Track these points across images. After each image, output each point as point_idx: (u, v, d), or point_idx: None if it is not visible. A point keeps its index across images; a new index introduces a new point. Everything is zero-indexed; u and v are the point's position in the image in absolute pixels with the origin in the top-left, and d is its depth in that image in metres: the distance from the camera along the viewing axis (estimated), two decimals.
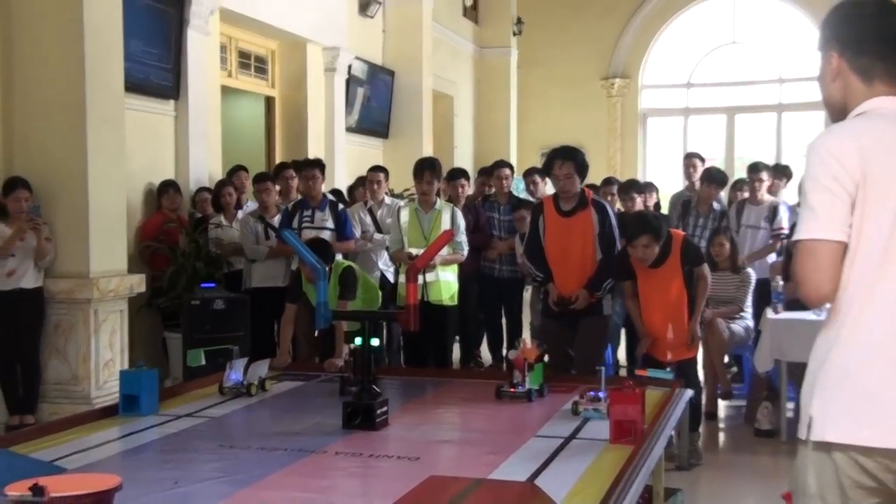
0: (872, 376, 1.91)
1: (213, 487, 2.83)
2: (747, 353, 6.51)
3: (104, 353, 5.95)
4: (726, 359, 6.79)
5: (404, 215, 6.11)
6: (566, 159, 5.06)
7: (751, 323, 6.38)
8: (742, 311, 6.39)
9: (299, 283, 5.34)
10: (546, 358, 4.18)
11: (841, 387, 1.94)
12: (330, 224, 6.52)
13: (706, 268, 5.29)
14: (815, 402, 1.96)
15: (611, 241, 5.14)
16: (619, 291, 5.53)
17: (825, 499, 1.96)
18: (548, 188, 6.09)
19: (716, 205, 7.35)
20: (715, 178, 7.35)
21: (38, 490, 1.65)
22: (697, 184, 7.91)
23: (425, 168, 6.09)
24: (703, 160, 8.42)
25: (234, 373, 4.18)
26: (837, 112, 2.09)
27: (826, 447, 1.94)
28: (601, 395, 3.60)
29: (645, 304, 5.19)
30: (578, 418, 3.66)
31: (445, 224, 5.92)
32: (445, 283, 6.00)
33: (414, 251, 5.77)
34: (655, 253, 4.99)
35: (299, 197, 6.91)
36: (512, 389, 4.02)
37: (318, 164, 6.80)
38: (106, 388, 5.82)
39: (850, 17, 2.06)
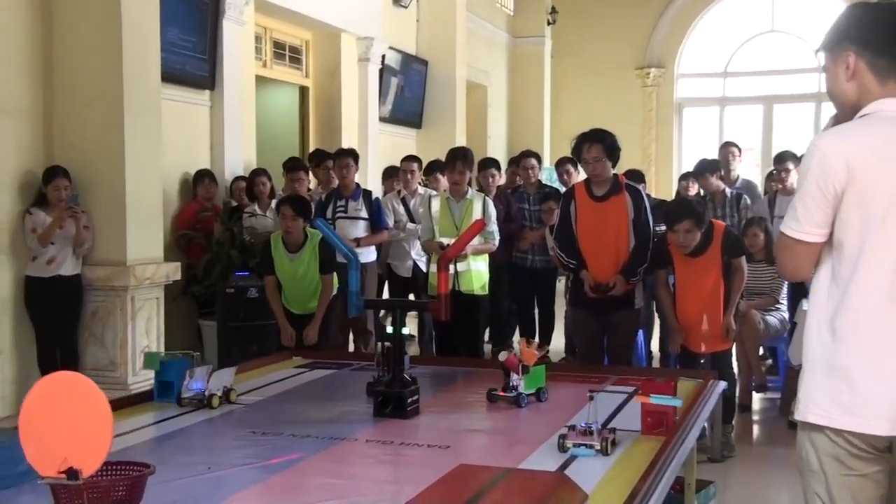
0: (854, 365, 2.10)
1: (245, 473, 2.86)
2: (782, 345, 6.44)
3: (141, 340, 6.04)
4: (761, 351, 6.73)
5: (435, 205, 6.11)
6: (595, 142, 4.97)
7: (786, 314, 6.31)
8: (777, 302, 6.32)
9: (269, 255, 5.57)
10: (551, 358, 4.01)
11: (825, 374, 2.14)
12: (364, 214, 6.56)
13: (744, 260, 5.23)
14: (803, 385, 2.19)
15: (645, 227, 5.05)
16: (649, 282, 5.49)
17: (826, 472, 2.14)
18: (581, 177, 6.05)
19: (728, 192, 7.26)
20: (694, 170, 7.36)
21: (72, 473, 1.68)
22: (734, 174, 7.83)
23: (457, 158, 6.08)
24: (740, 150, 8.32)
25: (196, 381, 3.66)
26: (850, 109, 2.18)
27: (815, 427, 2.15)
28: (594, 426, 2.96)
29: (681, 293, 5.14)
30: (608, 405, 3.64)
31: (477, 214, 5.91)
32: (477, 272, 5.99)
33: (445, 241, 5.77)
34: (697, 240, 4.93)
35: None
36: (502, 392, 3.73)
37: (352, 154, 6.84)
38: (142, 374, 5.90)
39: (869, 18, 2.14)
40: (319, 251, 5.55)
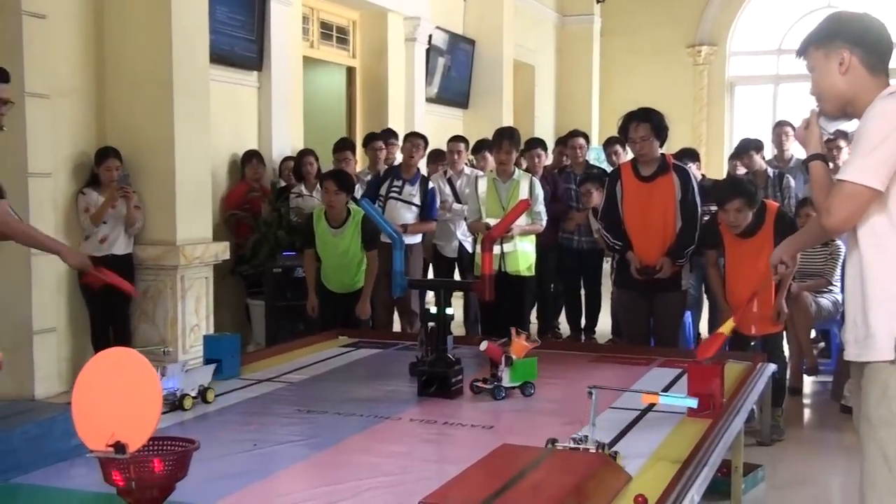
0: None
1: (290, 450, 2.90)
2: (834, 328, 6.33)
3: (190, 319, 6.14)
4: (813, 333, 6.61)
5: (482, 185, 6.09)
6: (642, 121, 4.90)
7: (839, 297, 6.18)
8: (830, 284, 6.20)
9: (311, 230, 5.71)
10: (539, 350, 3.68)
11: None
12: (416, 200, 6.54)
13: None
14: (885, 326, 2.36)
15: (693, 207, 4.97)
16: (697, 263, 5.41)
17: None
18: (629, 157, 5.96)
19: (770, 171, 7.10)
20: (737, 148, 7.20)
21: (119, 447, 1.71)
22: (788, 153, 7.68)
23: (503, 137, 6.05)
24: (794, 129, 8.14)
25: (169, 380, 3.29)
26: (837, 102, 2.56)
27: None
28: (590, 437, 2.53)
29: (731, 274, 5.05)
30: (654, 387, 3.60)
31: (523, 194, 5.88)
32: (523, 253, 5.96)
33: (491, 221, 5.76)
34: (748, 219, 4.84)
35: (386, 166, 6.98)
36: (481, 383, 3.56)
37: (422, 137, 6.84)
38: (192, 351, 6.00)
39: (859, 23, 2.53)
40: (362, 227, 5.59)
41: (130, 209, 5.88)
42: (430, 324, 3.79)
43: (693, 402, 2.85)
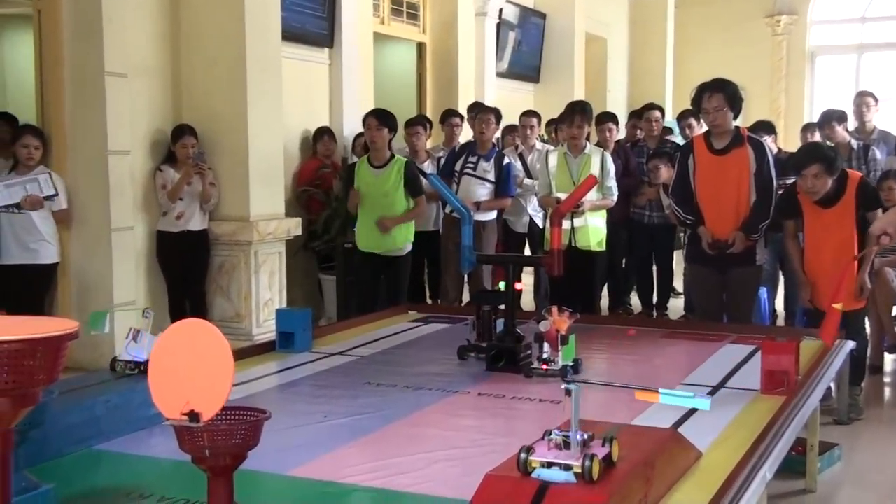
0: None
1: (360, 422, 2.94)
2: None
3: (264, 293, 6.25)
4: (895, 311, 6.40)
5: (553, 160, 6.04)
6: (715, 91, 4.76)
7: None
8: None
9: (351, 175, 5.93)
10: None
11: None
12: (491, 176, 6.51)
13: (881, 213, 4.93)
14: None
15: (768, 181, 4.82)
16: (772, 239, 5.26)
17: None
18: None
19: (854, 143, 6.85)
20: (820, 119, 6.93)
21: (193, 416, 1.75)
22: (870, 125, 7.41)
23: (576, 111, 5.98)
24: (876, 100, 7.85)
25: (137, 349, 3.05)
26: None
27: None
28: (573, 437, 2.03)
29: (810, 246, 4.88)
30: (726, 364, 3.55)
31: (594, 169, 5.81)
32: (594, 228, 5.91)
33: (562, 196, 5.71)
34: (826, 186, 4.67)
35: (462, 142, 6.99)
36: (544, 367, 3.51)
37: (494, 111, 6.79)
38: (265, 325, 6.11)
39: None
40: (406, 172, 5.70)
41: (206, 186, 6.00)
42: (485, 308, 3.79)
43: (703, 404, 2.12)
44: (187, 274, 6.11)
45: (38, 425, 2.33)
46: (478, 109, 6.97)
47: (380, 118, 5.76)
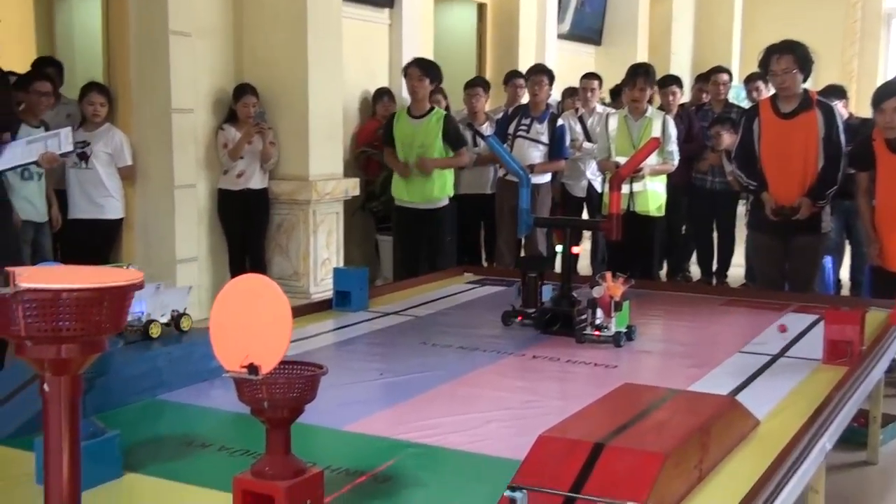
0: None
1: (415, 381, 2.97)
2: None
3: (321, 252, 6.33)
4: None
5: (612, 123, 5.95)
6: (784, 53, 4.61)
7: None
8: None
9: (390, 127, 5.92)
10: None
11: None
12: (545, 139, 6.45)
13: None
14: None
15: (837, 146, 4.66)
16: (840, 207, 5.10)
17: None
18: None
19: None
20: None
21: (253, 369, 1.78)
22: None
23: (638, 74, 5.87)
24: None
25: (136, 301, 2.58)
26: None
27: None
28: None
29: (882, 199, 4.67)
30: (787, 333, 3.48)
31: (655, 132, 5.71)
32: (653, 193, 5.82)
33: (621, 160, 5.64)
34: None
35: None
36: (597, 333, 3.46)
37: (546, 72, 6.71)
38: (323, 284, 6.19)
39: None
40: (445, 124, 5.71)
41: (266, 145, 6.06)
42: (531, 273, 3.76)
43: None
44: (247, 232, 6.20)
45: (103, 374, 2.40)
46: (532, 71, 6.90)
47: (422, 68, 5.74)
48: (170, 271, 5.78)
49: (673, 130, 5.92)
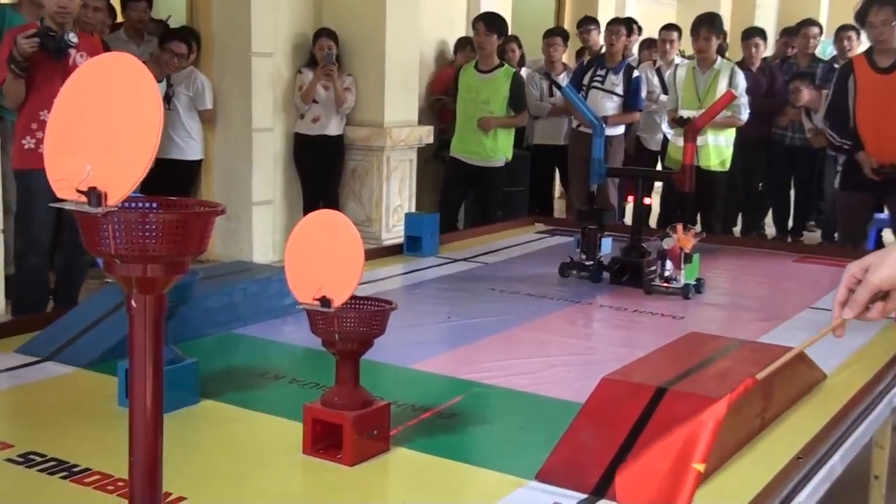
0: None
1: (482, 324, 3.02)
2: None
3: (394, 199, 6.40)
4: None
5: (680, 74, 5.84)
6: (884, 4, 4.41)
7: None
8: None
9: (456, 80, 5.97)
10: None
11: None
12: (619, 90, 6.36)
13: None
14: None
15: None
16: None
17: None
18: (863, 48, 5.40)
19: None
20: None
21: (325, 301, 1.85)
22: None
23: (702, 24, 5.75)
24: None
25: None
26: None
27: None
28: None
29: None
30: None
31: (723, 85, 5.58)
32: (716, 147, 5.71)
33: (685, 114, 5.53)
34: None
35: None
36: (665, 284, 3.43)
37: (625, 22, 6.60)
38: (394, 230, 6.27)
39: None
40: (512, 83, 5.69)
41: (337, 89, 6.10)
42: (590, 225, 3.73)
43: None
44: (322, 176, 6.30)
45: (184, 303, 2.50)
46: (611, 22, 6.79)
47: (488, 23, 5.70)
48: (246, 213, 5.92)
49: (742, 82, 5.78)
